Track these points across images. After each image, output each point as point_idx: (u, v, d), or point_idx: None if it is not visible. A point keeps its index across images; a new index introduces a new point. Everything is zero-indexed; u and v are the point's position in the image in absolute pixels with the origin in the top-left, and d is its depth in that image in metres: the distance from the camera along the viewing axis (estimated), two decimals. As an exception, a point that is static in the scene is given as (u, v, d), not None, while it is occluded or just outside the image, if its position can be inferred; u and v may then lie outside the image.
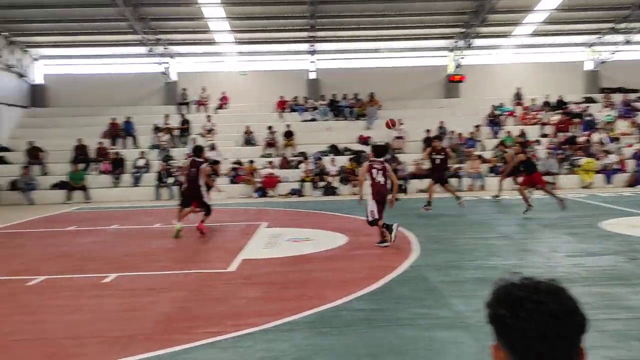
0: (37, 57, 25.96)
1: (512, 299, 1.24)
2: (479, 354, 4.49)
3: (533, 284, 1.27)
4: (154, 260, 8.83)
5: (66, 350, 4.78)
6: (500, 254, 8.60)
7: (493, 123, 23.42)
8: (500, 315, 1.25)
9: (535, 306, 1.22)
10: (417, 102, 25.51)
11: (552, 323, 1.21)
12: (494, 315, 1.26)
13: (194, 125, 23.22)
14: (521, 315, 1.22)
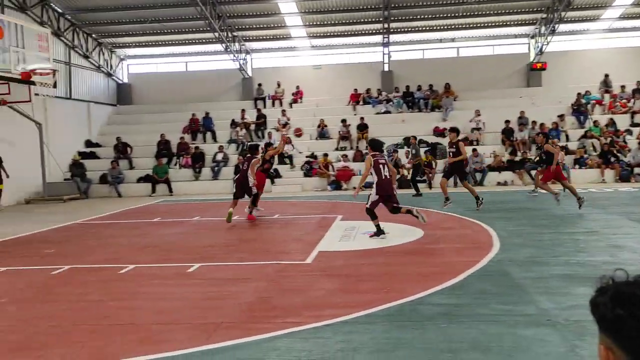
0: (123, 57, 27.40)
1: (630, 299, 1.18)
2: (567, 353, 4.30)
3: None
4: (234, 251, 9.11)
5: (156, 335, 5.03)
6: (588, 250, 8.17)
7: (578, 112, 22.23)
8: (617, 316, 1.18)
9: None
10: (496, 92, 24.66)
11: None
12: (609, 315, 1.20)
13: (269, 119, 23.68)
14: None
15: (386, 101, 24.43)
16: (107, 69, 26.10)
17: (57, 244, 10.39)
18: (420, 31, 25.13)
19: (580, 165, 19.67)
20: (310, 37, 25.53)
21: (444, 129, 22.20)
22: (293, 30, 24.76)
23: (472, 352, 4.38)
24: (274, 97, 25.64)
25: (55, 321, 5.59)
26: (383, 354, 4.42)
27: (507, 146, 20.83)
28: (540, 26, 23.90)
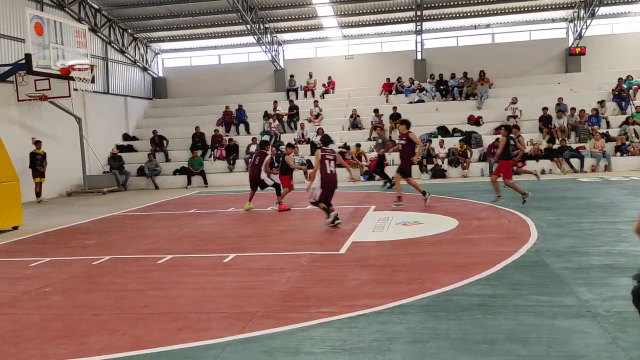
0: (158, 52, 27.84)
1: None
2: (608, 345, 4.20)
3: None
4: (268, 241, 9.19)
5: (194, 324, 5.13)
6: (630, 240, 7.93)
7: (620, 98, 21.52)
8: None
9: None
10: (533, 78, 24.11)
11: None
12: None
13: (301, 110, 23.72)
14: None
15: (419, 90, 24.14)
16: (143, 64, 26.57)
17: (97, 235, 10.69)
18: (454, 18, 24.69)
19: (621, 153, 19.07)
20: (342, 27, 25.40)
21: (479, 117, 21.85)
22: (324, 21, 24.68)
23: (510, 344, 4.32)
24: (306, 88, 25.66)
25: (96, 310, 5.76)
26: (419, 344, 4.40)
27: (544, 134, 20.35)
28: (579, 9, 23.18)
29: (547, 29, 25.28)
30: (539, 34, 25.34)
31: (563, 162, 18.85)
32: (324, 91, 25.54)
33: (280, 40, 26.58)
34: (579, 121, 20.41)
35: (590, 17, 21.89)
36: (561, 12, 24.37)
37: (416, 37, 25.11)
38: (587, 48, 23.28)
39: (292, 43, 27.10)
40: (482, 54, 24.76)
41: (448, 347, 4.30)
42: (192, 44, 27.31)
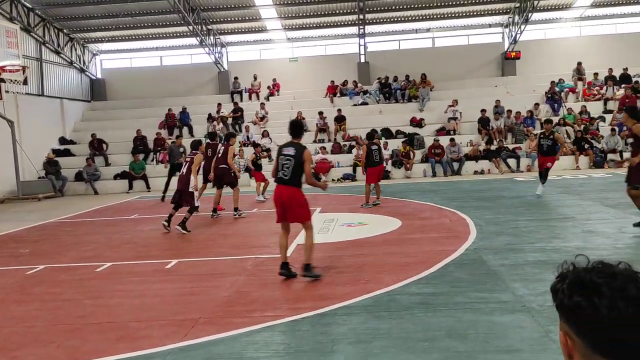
0: (96, 52, 26.95)
1: (588, 286, 1.18)
2: (542, 338, 4.38)
3: (608, 268, 1.20)
4: (213, 246, 9.07)
5: (134, 333, 4.99)
6: (563, 236, 8.31)
7: (552, 100, 22.53)
8: (575, 303, 1.18)
9: (615, 293, 1.15)
10: (472, 81, 24.87)
11: (635, 310, 1.14)
12: (567, 302, 1.20)
13: (246, 113, 23.54)
14: (600, 303, 1.15)
15: (363, 93, 24.46)
16: (80, 65, 25.65)
17: (32, 244, 10.22)
18: (396, 22, 25.18)
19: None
20: (286, 30, 25.40)
21: (421, 119, 22.36)
22: (268, 23, 24.61)
23: (449, 340, 4.43)
24: (250, 90, 25.49)
25: (30, 321, 5.51)
26: (361, 344, 4.45)
27: (483, 135, 21.04)
28: (513, 15, 24.12)
29: (484, 33, 26.18)
30: (477, 39, 26.21)
31: (500, 162, 19.55)
32: (268, 93, 25.45)
33: (223, 42, 26.30)
34: (515, 123, 21.22)
35: (524, 23, 22.82)
36: (497, 18, 25.29)
37: (359, 40, 25.43)
38: (521, 52, 24.24)
39: (236, 45, 26.86)
40: (424, 57, 25.36)
41: (390, 347, 4.37)
42: (132, 44, 26.60)
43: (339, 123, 22.30)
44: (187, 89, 26.03)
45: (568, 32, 25.75)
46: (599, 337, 1.16)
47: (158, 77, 26.32)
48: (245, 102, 24.91)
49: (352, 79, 25.34)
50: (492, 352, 4.18)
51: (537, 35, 25.40)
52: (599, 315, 1.14)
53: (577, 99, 22.98)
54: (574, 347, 1.21)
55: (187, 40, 25.20)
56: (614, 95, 22.40)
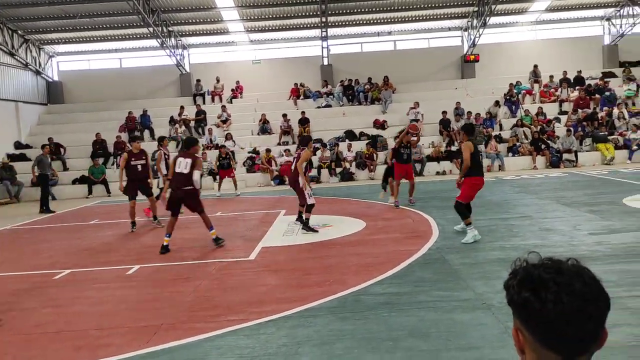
0: (52, 54, 26.23)
1: (536, 281, 1.22)
2: (501, 334, 4.48)
3: (556, 264, 1.24)
4: (176, 250, 8.93)
5: (94, 341, 4.88)
6: (521, 234, 8.53)
7: (510, 102, 23.10)
8: (524, 298, 1.22)
9: (561, 288, 1.19)
10: (433, 84, 25.27)
11: (580, 304, 1.18)
12: (517, 298, 1.24)
13: (209, 115, 23.32)
14: (547, 298, 1.19)
15: (327, 95, 24.55)
16: (36, 67, 24.91)
17: (-15, 252, 9.86)
18: (358, 25, 25.38)
19: (513, 153, 20.47)
20: (249, 32, 25.28)
21: (384, 121, 22.58)
22: (230, 25, 24.44)
23: (412, 339, 4.49)
24: (213, 92, 25.26)
25: (-16, 333, 5.31)
26: (326, 346, 4.47)
27: (444, 137, 21.40)
28: (472, 19, 24.63)
29: (444, 37, 26.65)
30: (437, 42, 26.65)
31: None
32: (231, 96, 25.27)
33: (185, 43, 25.98)
34: (475, 124, 21.63)
35: (482, 27, 23.33)
36: (456, 22, 25.78)
37: (322, 42, 25.53)
38: (480, 55, 24.78)
39: (197, 47, 26.58)
40: (386, 60, 25.64)
41: (354, 347, 4.40)
42: (91, 46, 25.98)
43: (303, 125, 22.32)
44: (148, 92, 25.61)
45: (524, 36, 26.47)
46: (547, 331, 1.20)
47: (118, 80, 25.80)
48: (208, 104, 24.67)
49: (316, 81, 25.41)
50: (454, 349, 4.26)
51: (495, 39, 26.01)
52: (545, 310, 1.18)
53: (533, 101, 23.62)
54: (525, 342, 1.25)
55: (148, 42, 24.81)
56: (569, 97, 23.12)
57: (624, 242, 7.50)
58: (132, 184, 11.08)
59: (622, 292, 5.35)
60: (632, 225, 8.60)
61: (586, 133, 20.77)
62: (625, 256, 6.76)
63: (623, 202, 10.84)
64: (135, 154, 11.15)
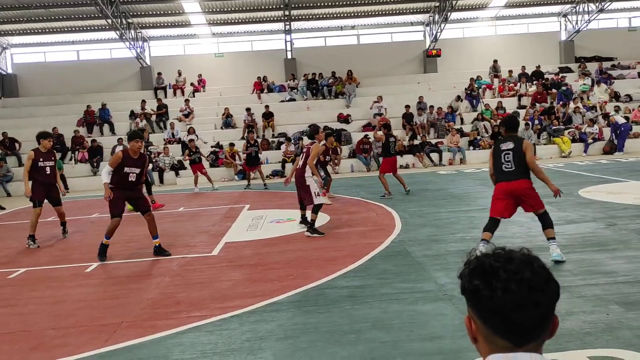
0: (6, 46, 25.32)
1: (486, 270, 1.24)
2: (462, 324, 4.53)
3: (506, 253, 1.26)
4: (136, 247, 8.76)
5: (50, 341, 4.74)
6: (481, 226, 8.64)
7: (471, 96, 23.50)
8: (475, 286, 1.24)
9: (510, 276, 1.21)
10: (396, 78, 25.49)
11: (528, 292, 1.20)
12: (468, 287, 1.26)
13: (171, 109, 22.94)
14: (496, 286, 1.21)
15: (291, 89, 24.46)
16: (-12, 59, 24.01)
17: None
18: (322, 19, 25.36)
19: (474, 147, 20.84)
20: (211, 25, 24.94)
21: (348, 115, 22.65)
22: (192, 17, 24.05)
23: (375, 331, 4.52)
24: (175, 86, 24.86)
25: None
26: (289, 340, 4.45)
27: (407, 131, 21.62)
28: (434, 14, 24.92)
29: (407, 31, 26.90)
30: (400, 37, 26.88)
31: (424, 157, 20.17)
32: (194, 89, 24.91)
33: (145, 36, 25.46)
34: (437, 118, 21.96)
35: (444, 22, 23.64)
36: (419, 16, 26.04)
37: (285, 36, 25.41)
38: (442, 50, 25.11)
39: (158, 39, 26.08)
40: (349, 54, 25.70)
41: (317, 340, 4.40)
42: (47, 38, 25.20)
43: (267, 119, 22.20)
44: (107, 85, 25.02)
45: (485, 31, 26.96)
46: (497, 319, 1.21)
47: (75, 73, 25.11)
48: (170, 98, 24.27)
49: (280, 75, 25.28)
50: (416, 340, 4.31)
51: (456, 34, 26.40)
52: (495, 297, 1.20)
53: (493, 95, 24.10)
54: (478, 330, 1.27)
55: (106, 34, 24.21)
56: (527, 91, 23.68)
57: (579, 232, 7.73)
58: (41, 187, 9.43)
59: (578, 280, 5.51)
60: (586, 216, 8.87)
61: (544, 127, 21.32)
62: (580, 246, 6.97)
63: (579, 193, 11.17)
64: (44, 153, 9.37)
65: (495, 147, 6.62)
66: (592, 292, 5.17)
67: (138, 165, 7.64)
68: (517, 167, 6.36)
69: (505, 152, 6.43)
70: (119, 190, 7.62)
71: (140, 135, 7.86)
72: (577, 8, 25.36)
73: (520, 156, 6.33)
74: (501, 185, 6.54)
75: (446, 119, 22.05)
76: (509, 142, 6.46)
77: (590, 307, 4.77)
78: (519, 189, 6.41)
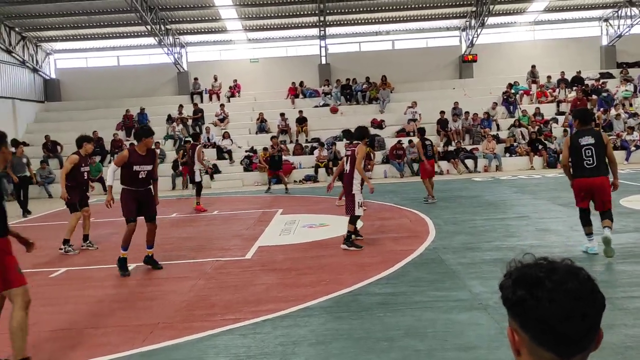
0: (49, 52, 26.17)
1: (531, 280, 1.22)
2: (497, 335, 4.48)
3: (549, 264, 1.25)
4: (173, 249, 8.92)
5: (90, 339, 4.87)
6: (518, 235, 8.54)
7: (508, 102, 23.13)
8: (519, 297, 1.22)
9: (555, 286, 1.19)
10: (430, 83, 25.27)
11: (574, 303, 1.18)
12: (512, 297, 1.24)
13: (207, 114, 23.29)
14: (542, 296, 1.19)
15: (324, 94, 24.54)
16: (33, 64, 24.84)
17: (-19, 250, 9.82)
18: (356, 24, 25.38)
19: (510, 154, 20.49)
20: (247, 30, 25.25)
21: (382, 120, 22.58)
22: (228, 23, 24.41)
23: (408, 339, 4.49)
24: (211, 91, 25.23)
25: (-21, 331, 5.29)
26: (322, 346, 4.46)
27: (442, 137, 21.41)
28: (470, 19, 24.64)
29: (442, 37, 26.66)
30: (435, 42, 26.66)
31: (459, 163, 19.93)
32: (229, 94, 25.24)
33: (183, 42, 25.94)
34: (473, 124, 21.68)
35: (480, 27, 23.34)
36: (455, 22, 25.79)
37: (320, 42, 25.51)
38: (478, 55, 24.80)
39: (195, 45, 26.54)
40: (384, 59, 25.62)
41: (350, 347, 4.40)
42: (88, 44, 25.93)
43: (301, 124, 22.31)
44: (145, 90, 25.57)
45: (523, 36, 26.50)
46: (542, 330, 1.20)
47: (115, 78, 25.75)
48: (206, 103, 24.64)
49: (314, 81, 25.40)
50: (450, 349, 4.26)
51: (493, 39, 26.03)
52: (540, 308, 1.18)
53: (531, 101, 23.65)
54: (521, 343, 1.25)
55: (145, 40, 24.74)
56: (566, 97, 23.15)
57: (621, 242, 7.50)
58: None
59: (619, 292, 5.36)
60: (628, 226, 8.61)
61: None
62: (621, 257, 6.77)
63: (620, 202, 10.85)
64: (84, 158, 9.30)
65: (573, 141, 6.54)
66: (634, 304, 5.02)
67: (147, 162, 7.29)
68: (599, 162, 6.43)
69: (587, 147, 6.48)
70: (130, 192, 7.33)
71: (152, 132, 7.68)
72: (619, 12, 24.70)
73: (601, 151, 6.40)
74: (582, 182, 6.57)
75: (482, 125, 21.75)
76: (588, 136, 6.49)
77: (631, 320, 4.63)
78: (600, 186, 6.51)
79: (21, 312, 4.05)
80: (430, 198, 12.45)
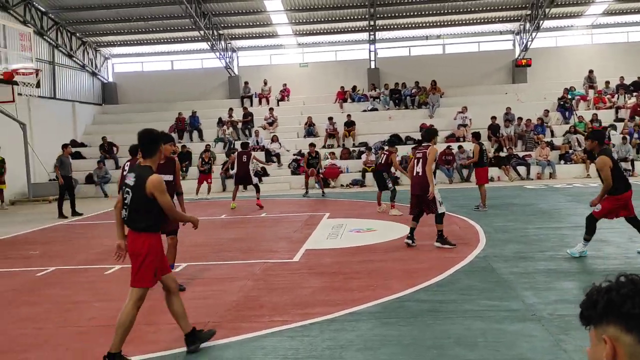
0: (108, 56, 27.18)
1: None
2: (552, 347, 4.34)
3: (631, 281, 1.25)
4: (222, 250, 9.08)
5: (143, 336, 5.00)
6: (573, 245, 8.22)
7: (563, 108, 22.41)
8: (623, 295, 1.23)
9: None
10: (482, 88, 24.79)
11: None
12: (632, 311, 1.21)
13: (256, 117, 23.62)
14: None
15: (373, 98, 24.45)
16: (92, 68, 25.88)
17: (42, 245, 10.29)
18: (406, 28, 25.20)
19: (565, 161, 19.84)
20: (297, 35, 25.49)
21: (431, 125, 22.28)
22: (279, 28, 24.71)
23: (458, 348, 4.40)
24: (260, 95, 25.58)
25: (40, 323, 5.53)
26: (370, 351, 4.43)
27: (493, 142, 20.95)
28: (524, 23, 24.05)
29: (495, 40, 26.13)
30: (488, 46, 26.15)
31: (510, 170, 19.44)
32: (279, 98, 25.52)
33: (234, 46, 26.44)
34: (525, 130, 21.11)
35: (535, 30, 22.74)
36: (508, 25, 25.23)
37: (369, 46, 25.46)
38: (532, 60, 24.16)
39: (246, 50, 27.00)
40: (434, 63, 25.32)
41: (399, 354, 4.35)
42: (144, 49, 26.81)
43: (348, 128, 22.31)
44: (197, 93, 26.18)
45: (579, 40, 25.65)
46: None
47: (169, 81, 26.49)
48: (255, 106, 25.00)
49: (363, 85, 25.36)
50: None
51: (548, 43, 25.31)
52: None
53: (588, 107, 22.84)
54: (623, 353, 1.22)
55: (198, 44, 25.34)
56: (625, 103, 22.23)
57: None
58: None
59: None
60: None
61: (644, 141, 19.92)
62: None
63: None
64: None
65: (611, 156, 7.19)
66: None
67: (166, 172, 6.38)
68: None
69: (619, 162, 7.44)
70: None
71: (171, 138, 7.22)
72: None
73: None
74: (630, 194, 7.24)
75: (535, 131, 21.15)
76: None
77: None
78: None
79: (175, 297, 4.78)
80: (481, 206, 12.20)
